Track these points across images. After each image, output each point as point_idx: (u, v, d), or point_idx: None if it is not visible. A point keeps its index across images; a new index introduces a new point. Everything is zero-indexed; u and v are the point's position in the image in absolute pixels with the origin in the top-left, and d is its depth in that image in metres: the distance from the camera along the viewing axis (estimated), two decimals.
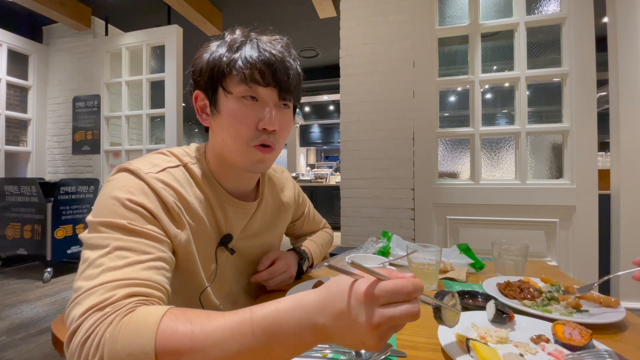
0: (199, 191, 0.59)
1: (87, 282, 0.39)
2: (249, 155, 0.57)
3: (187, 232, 0.55)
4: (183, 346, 0.34)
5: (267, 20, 3.65)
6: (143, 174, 0.51)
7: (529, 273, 0.84)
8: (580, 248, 1.80)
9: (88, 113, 3.35)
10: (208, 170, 0.62)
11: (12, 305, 2.21)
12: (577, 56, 1.81)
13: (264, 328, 0.34)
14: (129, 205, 0.47)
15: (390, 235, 1.05)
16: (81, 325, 0.36)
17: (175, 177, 0.56)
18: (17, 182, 2.78)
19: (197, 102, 0.60)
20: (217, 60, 0.55)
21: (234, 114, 0.55)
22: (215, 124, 0.58)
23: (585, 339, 0.46)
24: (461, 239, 2.01)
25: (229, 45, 0.56)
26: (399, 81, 2.14)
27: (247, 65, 0.53)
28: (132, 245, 0.44)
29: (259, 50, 0.54)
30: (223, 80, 0.55)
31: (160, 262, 0.46)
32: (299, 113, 9.87)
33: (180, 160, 0.59)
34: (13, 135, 3.49)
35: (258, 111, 0.56)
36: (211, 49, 0.57)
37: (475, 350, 0.44)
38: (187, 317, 0.36)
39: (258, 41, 0.56)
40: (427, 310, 0.64)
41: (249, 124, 0.55)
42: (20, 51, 3.43)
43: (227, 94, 0.55)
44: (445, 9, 2.15)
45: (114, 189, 0.49)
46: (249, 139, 0.56)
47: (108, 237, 0.44)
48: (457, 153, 2.18)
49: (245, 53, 0.54)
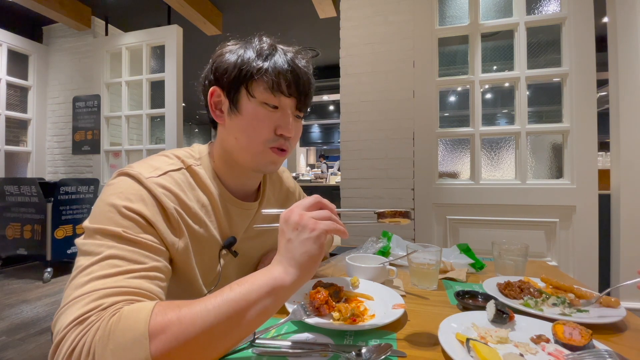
0: (203, 194, 0.59)
1: (75, 290, 0.39)
2: (264, 155, 0.59)
3: (186, 240, 0.54)
4: (172, 322, 0.36)
5: (267, 20, 3.65)
6: (144, 179, 0.51)
7: (529, 273, 0.84)
8: (580, 248, 1.79)
9: (88, 113, 3.34)
10: (213, 170, 0.62)
11: (12, 305, 2.21)
12: (577, 56, 1.81)
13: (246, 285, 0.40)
14: (125, 212, 0.46)
15: (390, 235, 1.05)
16: (66, 336, 0.35)
17: (176, 181, 0.56)
18: (17, 182, 2.77)
19: (213, 97, 0.60)
20: (247, 64, 0.56)
21: (256, 117, 0.57)
22: (233, 122, 0.59)
23: (585, 339, 0.46)
24: (461, 239, 2.01)
25: (258, 52, 0.57)
26: (399, 81, 2.14)
27: (277, 75, 0.56)
28: (125, 254, 0.43)
29: (288, 62, 0.57)
30: (249, 84, 0.57)
31: (154, 272, 0.45)
32: None
33: (184, 163, 0.59)
34: (13, 135, 3.49)
35: (278, 118, 0.58)
36: (237, 51, 0.58)
37: (475, 350, 0.44)
38: (175, 304, 0.39)
39: (286, 52, 0.59)
40: (427, 310, 0.64)
41: (269, 128, 0.58)
42: (20, 51, 3.43)
43: (250, 97, 0.57)
44: (445, 9, 2.15)
45: (112, 195, 0.48)
46: (267, 140, 0.58)
47: (102, 244, 0.43)
48: (457, 153, 2.18)
49: (275, 63, 0.56)
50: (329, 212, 0.46)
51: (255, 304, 0.39)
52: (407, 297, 0.72)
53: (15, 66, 3.42)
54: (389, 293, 0.67)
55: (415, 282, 0.78)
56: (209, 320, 0.37)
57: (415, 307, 0.66)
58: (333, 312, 0.58)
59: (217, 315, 0.37)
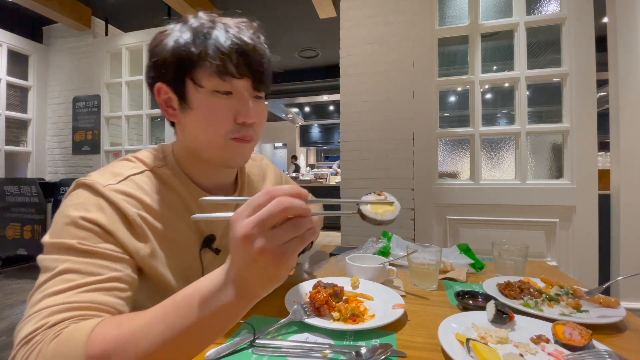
0: (171, 195, 0.55)
1: (30, 308, 0.38)
2: (228, 149, 0.54)
3: (153, 245, 0.50)
4: (109, 347, 0.34)
5: (268, 20, 3.65)
6: (101, 187, 0.48)
7: (529, 273, 0.84)
8: (580, 248, 1.79)
9: (88, 113, 3.35)
10: (179, 169, 0.58)
11: (12, 305, 2.21)
12: (577, 56, 1.81)
13: (187, 302, 0.35)
14: (81, 223, 0.44)
15: (390, 235, 1.05)
16: (15, 357, 0.35)
17: (139, 185, 0.52)
18: (17, 183, 2.78)
19: (160, 95, 0.54)
20: (184, 50, 0.49)
21: (210, 109, 0.51)
22: (186, 119, 0.54)
23: (585, 339, 0.46)
24: (461, 239, 2.01)
25: (195, 32, 0.50)
26: (399, 81, 2.14)
27: (218, 56, 0.48)
28: (80, 267, 0.41)
29: (232, 38, 0.49)
30: (192, 73, 0.50)
31: (113, 283, 0.43)
32: (299, 113, 9.88)
33: (146, 165, 0.56)
34: (13, 135, 3.49)
35: (235, 104, 0.52)
36: (173, 36, 0.51)
37: (475, 350, 0.44)
38: (117, 321, 0.36)
39: (227, 27, 0.50)
40: (427, 310, 0.64)
41: (227, 118, 0.52)
42: (20, 51, 3.43)
43: (197, 87, 0.50)
44: (445, 9, 2.15)
45: (69, 207, 0.46)
46: (228, 132, 0.52)
47: (57, 259, 0.42)
48: (457, 153, 2.18)
49: (215, 42, 0.49)
50: (293, 224, 0.32)
51: (198, 325, 0.34)
52: (407, 297, 0.72)
53: (15, 66, 3.42)
54: (389, 293, 0.67)
55: (415, 282, 0.78)
56: (150, 341, 0.34)
57: (415, 307, 0.66)
58: (333, 312, 0.58)
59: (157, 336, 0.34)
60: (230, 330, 0.54)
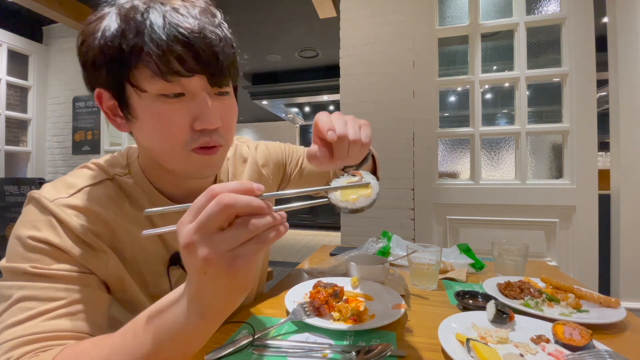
0: (133, 207, 0.49)
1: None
2: (190, 161, 0.44)
3: (115, 261, 0.46)
4: None
5: (267, 20, 3.65)
6: (48, 203, 0.42)
7: (529, 273, 0.84)
8: (580, 248, 1.79)
9: (88, 113, 3.35)
10: (144, 178, 0.50)
11: None
12: (577, 56, 1.81)
13: (146, 326, 0.32)
14: (30, 244, 0.40)
15: (390, 235, 1.05)
16: None
17: (95, 196, 0.46)
18: (17, 182, 2.78)
19: (103, 103, 0.45)
20: (113, 47, 0.38)
21: (157, 117, 0.41)
22: (136, 129, 0.45)
23: (585, 339, 0.46)
24: (461, 239, 2.01)
25: (125, 20, 0.38)
26: (399, 81, 2.14)
27: (156, 51, 0.37)
28: (37, 293, 0.38)
29: (171, 25, 0.38)
30: (129, 75, 0.40)
31: (74, 306, 0.39)
32: (299, 113, 9.87)
33: (107, 173, 0.49)
34: (13, 135, 3.49)
35: (189, 108, 0.41)
36: (101, 27, 0.40)
37: (475, 350, 0.44)
38: (75, 351, 0.35)
39: (164, 11, 0.38)
40: (427, 311, 0.64)
41: (182, 126, 0.41)
42: (20, 51, 3.43)
43: (139, 92, 0.40)
44: (445, 9, 2.15)
45: (19, 225, 0.42)
46: (185, 142, 0.42)
47: (12, 285, 0.38)
48: (457, 153, 2.18)
49: (153, 33, 0.37)
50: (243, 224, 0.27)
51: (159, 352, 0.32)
52: (407, 297, 0.72)
53: (15, 66, 3.41)
54: (389, 293, 0.67)
55: (415, 282, 0.78)
56: None
57: (415, 307, 0.66)
58: (333, 312, 0.58)
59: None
60: (230, 330, 0.54)
